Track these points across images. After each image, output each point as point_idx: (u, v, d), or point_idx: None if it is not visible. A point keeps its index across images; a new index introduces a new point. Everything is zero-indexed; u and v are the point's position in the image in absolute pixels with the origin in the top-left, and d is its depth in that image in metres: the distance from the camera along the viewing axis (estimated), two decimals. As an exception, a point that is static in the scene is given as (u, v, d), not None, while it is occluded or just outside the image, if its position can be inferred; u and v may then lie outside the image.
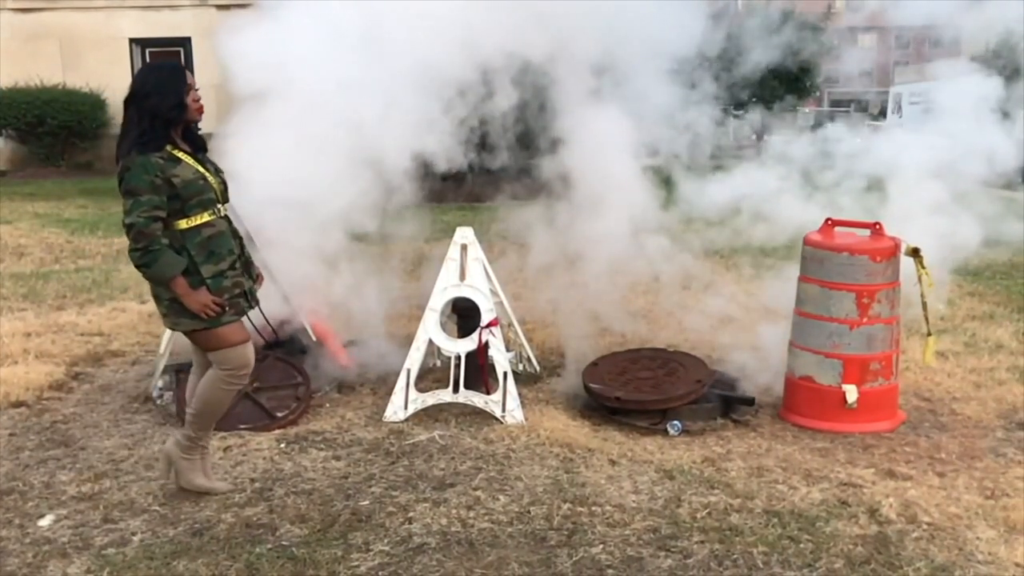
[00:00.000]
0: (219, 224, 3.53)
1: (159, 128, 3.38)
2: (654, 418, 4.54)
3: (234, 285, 3.53)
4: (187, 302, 3.40)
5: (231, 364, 3.55)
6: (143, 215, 3.30)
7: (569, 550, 3.26)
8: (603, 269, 5.57)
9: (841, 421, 4.49)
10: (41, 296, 7.42)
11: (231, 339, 3.53)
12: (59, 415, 4.72)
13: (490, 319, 4.68)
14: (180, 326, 3.51)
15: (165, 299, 3.47)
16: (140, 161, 3.32)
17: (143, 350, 5.90)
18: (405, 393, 4.62)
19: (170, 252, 3.37)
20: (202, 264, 3.44)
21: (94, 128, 18.48)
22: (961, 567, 3.15)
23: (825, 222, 4.71)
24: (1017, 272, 8.24)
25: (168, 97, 3.39)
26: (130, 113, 3.41)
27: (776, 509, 3.59)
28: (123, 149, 3.38)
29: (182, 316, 3.46)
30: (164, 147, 3.39)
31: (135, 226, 3.31)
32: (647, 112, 5.44)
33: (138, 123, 3.37)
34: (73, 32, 18.59)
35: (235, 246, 3.60)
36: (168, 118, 3.40)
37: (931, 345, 4.70)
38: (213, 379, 3.59)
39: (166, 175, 3.34)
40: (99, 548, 3.29)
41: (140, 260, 3.35)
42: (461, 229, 4.86)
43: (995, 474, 3.97)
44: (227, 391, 3.60)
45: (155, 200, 3.32)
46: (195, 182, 3.42)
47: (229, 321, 3.51)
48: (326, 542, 3.32)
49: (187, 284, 3.40)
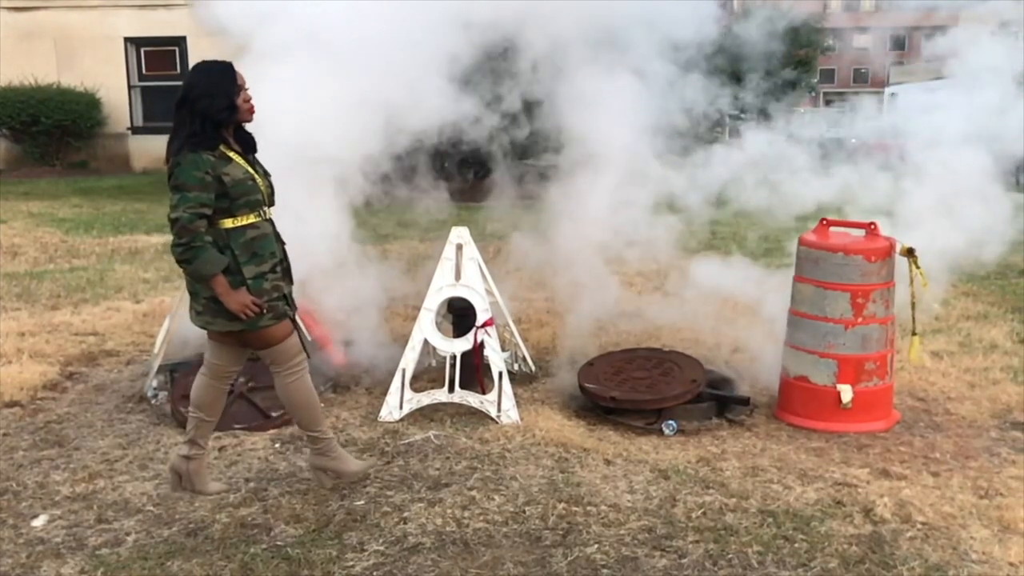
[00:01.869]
0: (264, 227, 3.52)
1: (210, 129, 3.37)
2: (649, 418, 4.55)
3: (273, 288, 3.51)
4: (226, 301, 3.39)
5: (284, 358, 3.57)
6: (188, 210, 3.28)
7: (564, 550, 3.26)
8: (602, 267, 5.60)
9: (836, 421, 4.50)
10: (35, 296, 7.40)
11: (278, 336, 3.55)
12: (53, 415, 4.70)
13: (485, 319, 4.68)
14: (213, 326, 3.49)
15: (202, 298, 3.45)
16: (191, 157, 3.31)
17: (137, 350, 5.89)
18: (400, 393, 4.62)
19: (212, 250, 3.36)
20: (244, 264, 3.43)
21: (89, 127, 18.46)
22: (955, 566, 3.16)
23: (820, 222, 4.72)
24: (1011, 272, 8.26)
25: (219, 99, 3.38)
26: (182, 115, 3.39)
27: (771, 509, 3.59)
28: (174, 148, 3.37)
29: (218, 316, 3.45)
30: (216, 147, 3.38)
31: (179, 221, 3.29)
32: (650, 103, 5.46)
33: (189, 124, 3.35)
34: (68, 31, 18.55)
35: (278, 250, 3.59)
36: (219, 120, 3.39)
37: (916, 345, 4.71)
38: (280, 385, 3.63)
39: (216, 172, 3.34)
40: (93, 548, 3.29)
41: (182, 255, 3.33)
42: (456, 229, 4.86)
43: (989, 474, 3.98)
44: (297, 381, 3.61)
45: (203, 197, 3.31)
46: (244, 182, 3.42)
47: (266, 325, 3.49)
48: (321, 542, 3.32)
49: (227, 283, 3.39)
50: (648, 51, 5.46)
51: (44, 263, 8.94)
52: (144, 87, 19.26)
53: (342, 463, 3.77)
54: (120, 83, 18.96)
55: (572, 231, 5.48)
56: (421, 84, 4.93)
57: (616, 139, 5.38)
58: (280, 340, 3.55)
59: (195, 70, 3.47)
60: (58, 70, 18.47)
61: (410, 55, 4.87)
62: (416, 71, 4.91)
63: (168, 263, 8.86)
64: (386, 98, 4.85)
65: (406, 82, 4.87)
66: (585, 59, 5.32)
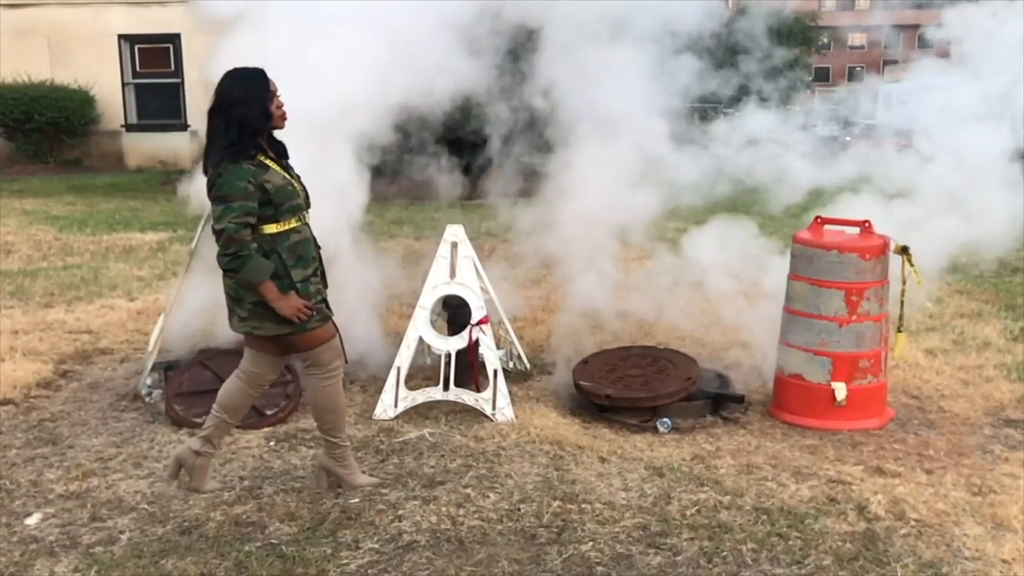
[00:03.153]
0: (304, 231, 3.53)
1: (247, 137, 3.36)
2: (644, 416, 4.55)
3: (317, 291, 3.53)
4: (278, 307, 3.38)
5: (324, 362, 3.57)
6: (234, 220, 3.28)
7: (559, 547, 3.26)
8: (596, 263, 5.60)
9: (830, 418, 4.51)
10: (29, 293, 7.38)
11: (323, 337, 3.55)
12: (47, 413, 4.69)
13: (480, 317, 4.68)
14: (261, 330, 3.47)
15: (248, 303, 3.43)
16: (232, 168, 3.30)
17: (132, 348, 5.88)
18: (395, 391, 4.61)
19: (259, 257, 3.35)
20: (292, 268, 3.43)
21: (83, 125, 18.39)
22: (948, 563, 3.17)
23: (815, 220, 4.73)
24: (1005, 270, 8.28)
25: (254, 106, 3.37)
26: (216, 123, 3.38)
27: (765, 506, 3.60)
28: (212, 158, 3.36)
29: (266, 320, 3.44)
30: (254, 155, 3.37)
31: (225, 231, 3.28)
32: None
33: (225, 133, 3.34)
34: (61, 28, 18.47)
35: (317, 254, 3.60)
36: (256, 128, 3.38)
37: (901, 341, 4.72)
38: (313, 387, 3.62)
39: (258, 181, 3.34)
40: (86, 547, 3.28)
41: (229, 265, 3.33)
42: (451, 226, 4.86)
43: (982, 471, 4.00)
44: (331, 387, 3.61)
45: (247, 206, 3.31)
46: (285, 187, 3.42)
47: (314, 327, 3.50)
48: (315, 540, 3.31)
49: (277, 288, 3.39)
50: (651, 39, 5.50)
51: (38, 261, 8.91)
52: (138, 84, 19.20)
53: (350, 475, 3.76)
54: (114, 80, 18.89)
55: (574, 211, 5.49)
56: (434, 47, 4.94)
57: (620, 121, 5.41)
58: (324, 343, 3.56)
59: (229, 77, 3.43)
60: (52, 67, 18.39)
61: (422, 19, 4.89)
62: (428, 35, 4.93)
63: (163, 261, 8.85)
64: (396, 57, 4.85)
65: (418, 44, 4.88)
66: (590, 42, 5.36)
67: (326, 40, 4.71)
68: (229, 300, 3.51)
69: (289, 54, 4.45)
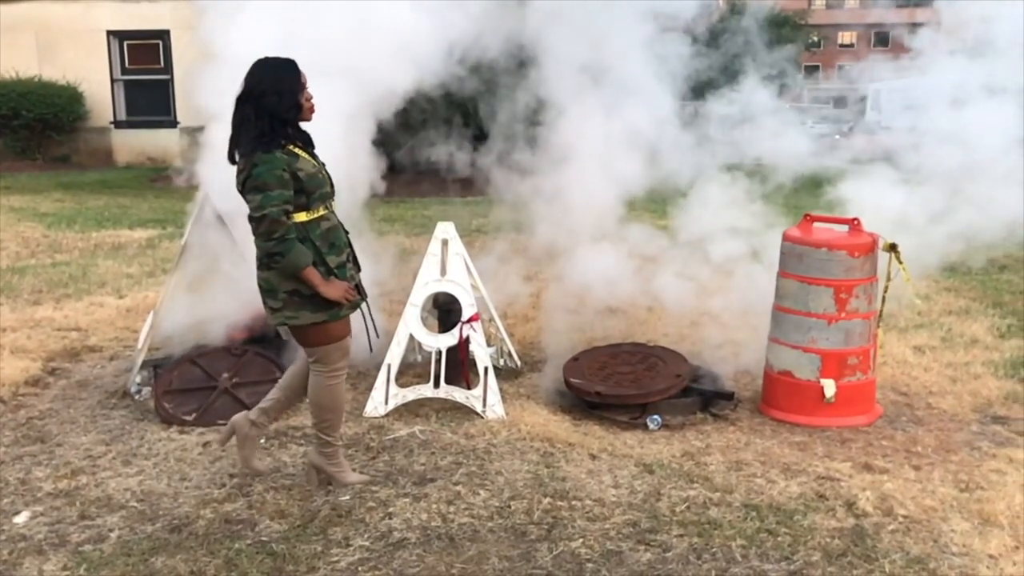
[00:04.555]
0: (333, 218, 3.53)
1: (278, 127, 3.35)
2: (634, 413, 4.57)
3: (350, 277, 3.54)
4: (324, 291, 3.38)
5: (332, 360, 3.57)
6: (274, 206, 3.27)
7: (549, 544, 3.27)
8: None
9: (819, 415, 4.53)
10: (17, 291, 7.34)
11: (339, 334, 3.55)
12: (35, 411, 4.67)
13: (471, 314, 4.68)
14: (297, 320, 3.45)
15: (283, 292, 3.41)
16: (266, 157, 3.29)
17: (121, 345, 5.86)
18: (386, 388, 4.61)
19: (300, 243, 3.35)
20: (327, 255, 3.44)
21: (71, 121, 18.29)
22: (936, 559, 3.19)
23: (804, 217, 4.75)
24: (992, 267, 8.33)
25: (285, 97, 3.36)
26: (245, 111, 3.36)
27: (754, 503, 3.62)
28: (243, 147, 3.35)
29: (302, 309, 3.43)
30: (284, 144, 3.36)
31: (268, 216, 3.27)
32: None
33: (255, 122, 3.33)
34: (49, 23, 18.35)
35: (347, 240, 3.61)
36: (285, 118, 3.38)
37: (879, 336, 4.76)
38: (316, 384, 3.61)
39: (292, 169, 3.33)
40: (76, 545, 3.27)
41: (275, 249, 3.31)
42: (442, 224, 4.86)
43: (970, 467, 4.02)
44: (334, 387, 3.61)
45: (284, 195, 3.30)
46: (315, 176, 3.42)
47: (346, 314, 3.52)
48: (306, 537, 3.31)
49: (320, 274, 3.39)
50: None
51: (26, 258, 8.86)
52: (127, 81, 19.11)
53: (340, 472, 3.76)
54: (103, 76, 18.80)
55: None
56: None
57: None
58: (339, 339, 3.55)
59: (260, 66, 3.41)
60: (39, 63, 18.29)
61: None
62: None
63: (152, 258, 8.82)
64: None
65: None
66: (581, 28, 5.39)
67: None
68: (261, 292, 3.50)
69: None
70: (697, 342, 5.71)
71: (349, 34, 4.86)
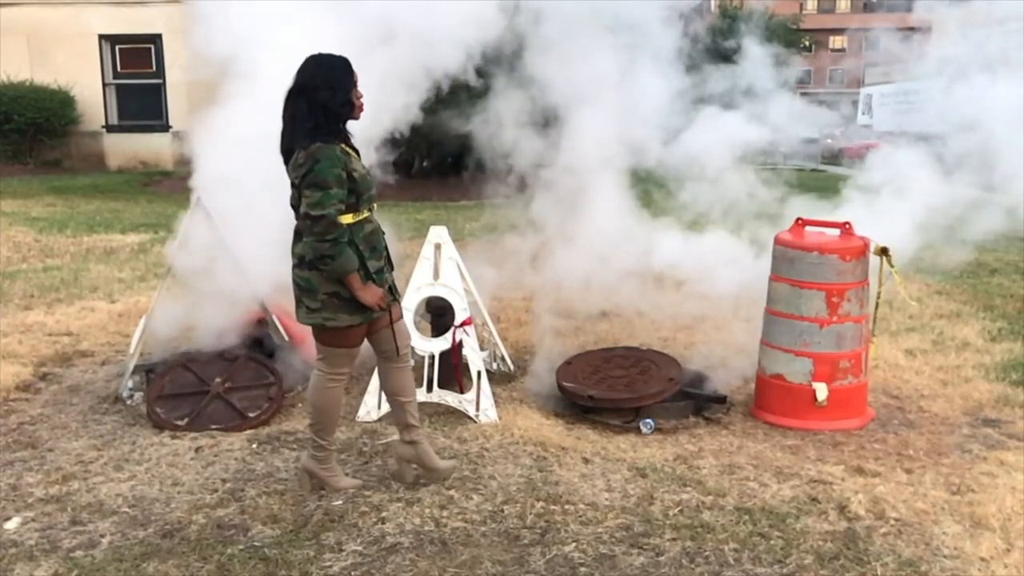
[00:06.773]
0: (374, 221, 3.52)
1: (332, 122, 3.33)
2: (627, 416, 4.57)
3: (385, 282, 3.54)
4: (361, 296, 3.38)
5: (338, 364, 3.57)
6: (333, 207, 3.25)
7: (542, 548, 3.27)
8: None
9: (811, 418, 4.54)
10: (8, 296, 7.31)
11: (356, 340, 3.55)
12: (26, 416, 4.65)
13: (464, 318, 4.68)
14: (334, 321, 3.44)
15: (323, 294, 3.40)
16: (328, 152, 3.26)
17: (113, 350, 5.83)
18: (379, 393, 4.60)
19: (348, 247, 3.35)
20: (368, 259, 3.43)
21: (63, 125, 18.26)
22: (928, 561, 3.20)
23: (796, 222, 4.76)
24: (983, 271, 8.37)
25: (340, 92, 3.35)
26: (298, 105, 3.33)
27: (747, 506, 3.62)
28: (299, 139, 3.31)
29: (340, 311, 3.42)
30: (338, 141, 3.34)
31: (327, 217, 3.24)
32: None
33: (310, 115, 3.30)
34: (41, 28, 18.33)
35: (385, 242, 3.60)
36: (339, 114, 3.36)
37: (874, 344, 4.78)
38: (316, 383, 3.62)
39: (347, 168, 3.31)
40: (67, 550, 3.25)
41: (329, 251, 3.29)
42: (435, 228, 4.86)
43: (961, 470, 4.04)
44: (333, 390, 3.61)
45: (341, 194, 3.28)
46: (366, 176, 3.41)
47: (379, 316, 3.52)
48: (298, 542, 3.30)
49: (360, 278, 3.38)
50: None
51: (17, 263, 8.83)
52: (119, 85, 19.08)
53: (333, 477, 3.76)
54: (95, 81, 18.76)
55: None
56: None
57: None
58: (351, 345, 3.56)
59: (314, 62, 3.39)
60: (31, 67, 18.26)
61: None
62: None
63: (144, 262, 8.80)
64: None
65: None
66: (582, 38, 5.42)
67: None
68: (298, 290, 3.48)
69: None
70: (690, 345, 5.73)
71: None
